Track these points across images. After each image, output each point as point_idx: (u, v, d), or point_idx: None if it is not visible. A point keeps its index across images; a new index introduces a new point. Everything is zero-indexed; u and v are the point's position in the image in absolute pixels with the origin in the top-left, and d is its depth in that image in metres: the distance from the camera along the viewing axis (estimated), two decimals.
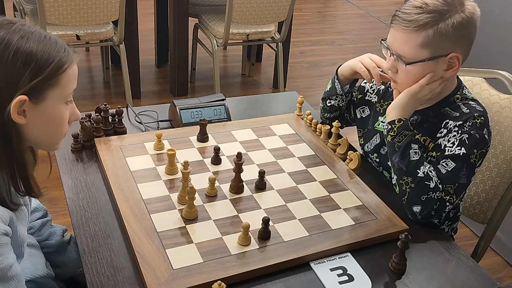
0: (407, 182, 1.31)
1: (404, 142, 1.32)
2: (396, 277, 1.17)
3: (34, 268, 1.20)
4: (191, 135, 1.54)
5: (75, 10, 2.83)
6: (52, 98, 1.00)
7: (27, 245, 1.23)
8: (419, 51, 1.29)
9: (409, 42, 1.29)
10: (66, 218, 1.34)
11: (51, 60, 0.98)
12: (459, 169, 1.31)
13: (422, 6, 1.27)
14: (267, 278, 1.13)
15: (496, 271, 2.37)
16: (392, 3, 5.95)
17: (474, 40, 1.32)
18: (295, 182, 1.40)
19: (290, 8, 3.28)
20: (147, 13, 4.12)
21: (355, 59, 1.51)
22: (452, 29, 1.26)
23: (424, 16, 1.26)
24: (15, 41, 0.95)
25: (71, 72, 1.03)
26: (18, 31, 0.96)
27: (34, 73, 0.96)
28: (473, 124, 1.32)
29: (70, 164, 1.42)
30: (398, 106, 1.35)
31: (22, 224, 1.08)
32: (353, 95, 1.65)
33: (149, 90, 3.60)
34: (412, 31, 1.28)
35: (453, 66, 1.31)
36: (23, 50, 0.95)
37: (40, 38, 0.98)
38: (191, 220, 1.23)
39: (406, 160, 1.31)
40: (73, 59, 1.03)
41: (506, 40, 2.30)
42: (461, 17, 1.26)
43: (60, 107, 1.03)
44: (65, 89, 1.02)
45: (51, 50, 0.98)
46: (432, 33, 1.26)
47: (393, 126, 1.34)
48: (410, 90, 1.33)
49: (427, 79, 1.32)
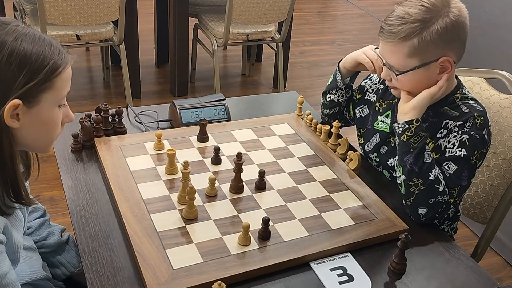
0: (416, 184, 1.30)
1: (420, 144, 1.31)
2: (396, 277, 1.17)
3: (31, 271, 1.19)
4: (191, 135, 1.54)
5: (75, 10, 2.83)
6: (46, 101, 0.99)
7: (24, 248, 1.22)
8: (408, 60, 1.29)
9: (396, 53, 1.30)
10: (66, 218, 1.34)
11: (45, 63, 0.97)
12: (461, 172, 1.31)
13: (405, 17, 1.26)
14: (267, 278, 1.13)
15: (496, 271, 2.37)
16: (392, 3, 5.93)
17: (471, 40, 1.32)
18: (295, 182, 1.40)
19: (290, 8, 3.28)
20: (147, 13, 4.12)
21: (359, 50, 1.51)
22: (438, 35, 1.25)
23: (407, 26, 1.26)
24: (9, 43, 0.93)
25: (66, 75, 1.02)
26: (12, 32, 0.95)
27: (28, 77, 0.94)
28: (473, 124, 1.32)
29: (70, 164, 1.42)
30: (416, 107, 1.33)
31: (17, 230, 1.07)
32: (353, 93, 1.65)
33: (149, 90, 3.60)
34: (397, 42, 1.28)
35: (446, 69, 1.31)
36: (18, 53, 0.93)
37: (34, 40, 0.97)
38: (191, 220, 1.23)
39: (420, 162, 1.30)
40: (67, 61, 1.01)
41: (506, 40, 2.30)
42: (445, 22, 1.25)
43: (54, 110, 1.02)
44: (60, 92, 1.01)
45: (45, 53, 0.97)
46: (417, 42, 1.26)
47: (411, 126, 1.32)
48: (430, 91, 1.32)
49: (444, 81, 1.31)
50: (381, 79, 1.55)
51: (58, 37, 2.91)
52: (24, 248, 1.22)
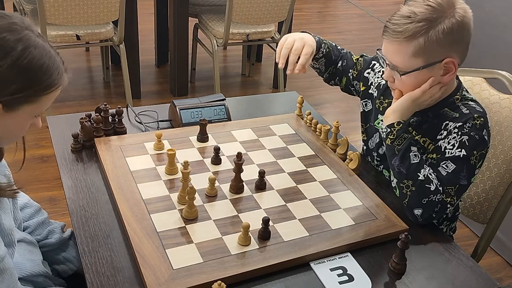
0: (407, 185, 1.31)
1: (403, 145, 1.32)
2: (396, 277, 1.17)
3: (31, 265, 1.20)
4: (191, 135, 1.54)
5: (75, 10, 2.83)
6: (24, 111, 1.00)
7: (25, 242, 1.23)
8: (412, 60, 1.28)
9: (401, 52, 1.29)
10: (66, 218, 1.34)
11: (42, 80, 0.98)
12: (459, 171, 1.31)
13: (411, 16, 1.26)
14: (267, 278, 1.13)
15: (496, 271, 2.37)
16: (392, 3, 5.95)
17: (471, 40, 1.31)
18: (295, 182, 1.40)
19: (290, 8, 3.28)
20: (147, 13, 4.12)
21: (291, 35, 1.47)
22: (444, 36, 1.25)
23: (413, 25, 1.25)
24: (17, 51, 0.94)
25: (54, 95, 1.03)
26: (25, 40, 0.96)
27: (22, 86, 0.96)
28: (473, 125, 1.32)
29: (70, 164, 1.42)
30: (397, 110, 1.34)
31: (4, 213, 1.08)
32: (347, 65, 1.63)
33: (149, 90, 3.60)
34: (402, 41, 1.27)
35: (449, 71, 1.31)
36: (21, 62, 0.95)
37: (41, 54, 0.98)
38: (191, 220, 1.23)
39: (407, 163, 1.31)
40: (62, 83, 1.03)
41: (506, 40, 2.31)
42: (451, 22, 1.25)
43: (27, 120, 1.04)
44: (41, 107, 1.03)
45: (47, 70, 0.98)
46: (423, 42, 1.25)
47: (393, 130, 1.33)
48: (412, 94, 1.32)
49: (429, 84, 1.31)
50: (382, 73, 1.54)
51: (58, 37, 2.91)
52: (25, 242, 1.23)
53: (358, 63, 1.62)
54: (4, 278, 0.99)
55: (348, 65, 1.63)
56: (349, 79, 1.64)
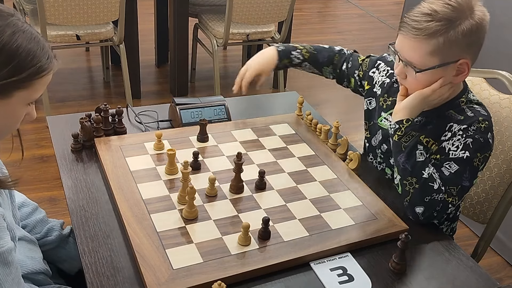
0: (411, 182, 1.31)
1: (411, 143, 1.32)
2: (396, 277, 1.17)
3: (32, 263, 1.20)
4: (191, 135, 1.54)
5: (75, 10, 2.83)
6: (18, 98, 1.00)
7: (25, 240, 1.23)
8: (429, 59, 1.28)
9: (419, 49, 1.28)
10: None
11: (33, 64, 0.98)
12: (462, 172, 1.31)
13: (432, 13, 1.25)
14: (267, 278, 1.13)
15: (496, 271, 2.38)
16: (392, 3, 5.95)
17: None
18: (295, 182, 1.40)
19: (290, 8, 3.28)
20: (147, 13, 4.12)
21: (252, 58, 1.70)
22: (462, 37, 1.24)
23: (434, 24, 1.24)
24: (6, 35, 0.95)
25: (46, 79, 1.03)
26: (12, 26, 0.96)
27: (12, 71, 0.96)
28: (477, 128, 1.32)
29: (70, 164, 1.42)
30: (407, 107, 1.34)
31: (5, 209, 1.08)
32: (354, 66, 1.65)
33: (149, 90, 3.60)
34: (422, 39, 1.26)
35: (462, 72, 1.30)
36: (10, 46, 0.95)
37: (29, 38, 0.98)
38: (191, 220, 1.23)
39: (412, 160, 1.31)
40: (53, 67, 1.03)
41: (506, 40, 2.31)
42: (471, 24, 1.25)
43: (21, 108, 1.03)
44: (34, 93, 1.02)
45: (36, 53, 0.98)
46: (443, 41, 1.25)
47: (401, 126, 1.33)
48: (422, 92, 1.32)
49: (439, 84, 1.31)
50: (387, 72, 1.54)
51: (58, 37, 2.91)
52: (24, 240, 1.23)
53: (363, 64, 1.63)
54: (11, 271, 0.99)
55: (353, 66, 1.64)
56: (356, 80, 1.64)
